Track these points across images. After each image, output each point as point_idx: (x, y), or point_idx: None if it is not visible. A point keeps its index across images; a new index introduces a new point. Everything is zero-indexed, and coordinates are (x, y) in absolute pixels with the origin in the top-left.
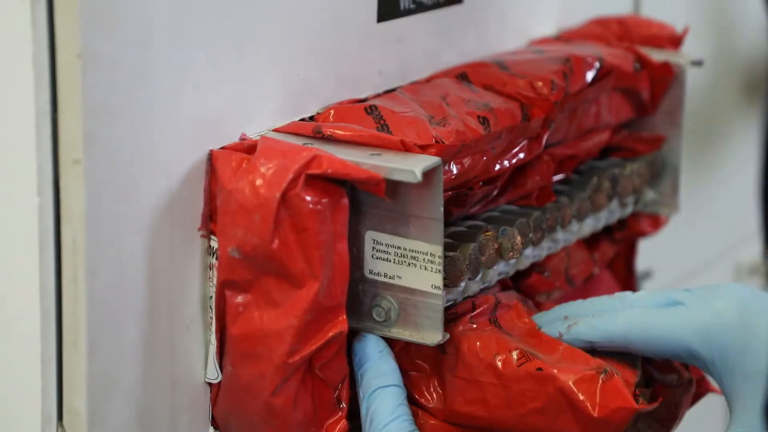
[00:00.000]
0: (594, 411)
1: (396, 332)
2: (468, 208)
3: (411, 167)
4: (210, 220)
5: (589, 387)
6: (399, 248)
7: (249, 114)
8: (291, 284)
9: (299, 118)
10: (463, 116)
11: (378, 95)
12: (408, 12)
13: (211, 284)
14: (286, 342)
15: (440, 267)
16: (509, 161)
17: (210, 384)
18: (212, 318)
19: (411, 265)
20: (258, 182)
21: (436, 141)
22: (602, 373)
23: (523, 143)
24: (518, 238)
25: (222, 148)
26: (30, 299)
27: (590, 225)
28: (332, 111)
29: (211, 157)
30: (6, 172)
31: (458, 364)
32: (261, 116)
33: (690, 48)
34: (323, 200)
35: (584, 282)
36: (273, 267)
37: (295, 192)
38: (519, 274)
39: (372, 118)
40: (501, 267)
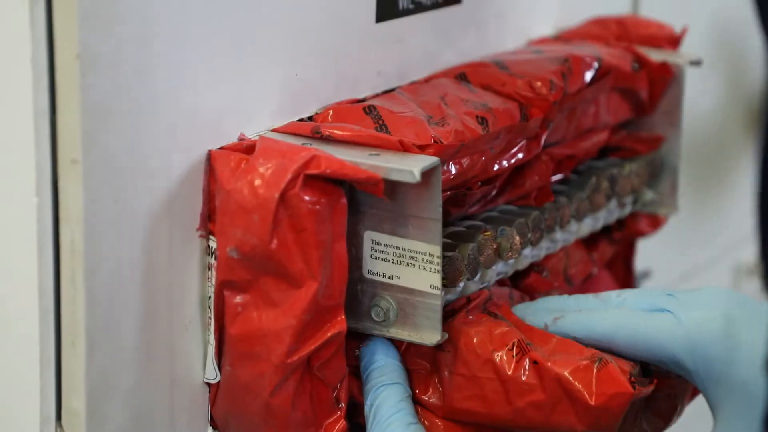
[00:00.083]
0: (591, 399)
1: (395, 332)
2: (467, 208)
3: (410, 167)
4: (209, 220)
5: (585, 376)
6: (398, 248)
7: (248, 114)
8: (290, 284)
9: (298, 119)
10: (462, 116)
11: (377, 95)
12: (407, 12)
13: (210, 284)
14: (285, 342)
15: (439, 267)
16: (508, 161)
17: (209, 384)
18: (211, 318)
19: (410, 265)
20: (257, 182)
21: (435, 141)
22: (597, 362)
23: (522, 143)
24: (517, 238)
25: (221, 148)
26: (29, 300)
27: (589, 225)
28: (331, 111)
29: (210, 157)
30: (5, 173)
31: (456, 361)
32: (260, 116)
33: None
34: (322, 200)
35: (583, 282)
36: (272, 267)
37: (294, 192)
38: (518, 274)
39: (371, 118)
40: (500, 267)
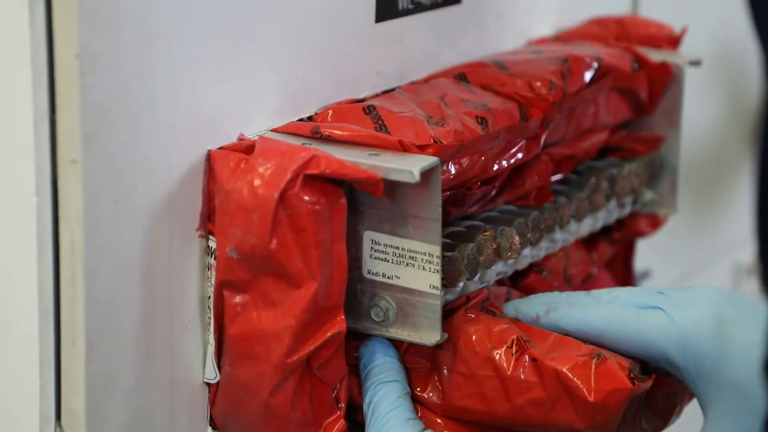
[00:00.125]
0: (590, 396)
1: (394, 332)
2: (466, 208)
3: (409, 167)
4: (208, 221)
5: (584, 372)
6: (397, 248)
7: (247, 114)
8: (289, 284)
9: (297, 119)
10: (462, 116)
11: (376, 95)
12: (406, 12)
13: (210, 284)
14: (285, 342)
15: (438, 267)
16: (507, 161)
17: (208, 384)
18: (210, 318)
19: (409, 265)
20: (256, 182)
21: (435, 141)
22: (595, 358)
23: (522, 143)
24: (516, 238)
25: (220, 148)
26: (28, 300)
27: (588, 225)
28: (330, 111)
29: (210, 157)
30: (4, 173)
31: (455, 360)
32: (259, 116)
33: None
34: (321, 200)
35: (582, 282)
36: (271, 267)
37: (294, 192)
38: (517, 274)
39: (370, 119)
40: (499, 267)
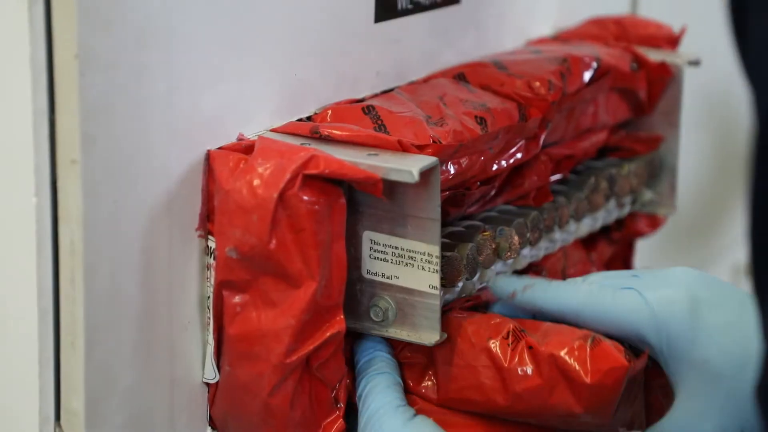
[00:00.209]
0: (587, 377)
1: (393, 332)
2: (465, 208)
3: (408, 167)
4: (208, 221)
5: (580, 355)
6: (396, 248)
7: (246, 114)
8: (288, 284)
9: (297, 119)
10: (461, 116)
11: (375, 95)
12: (405, 12)
13: (209, 284)
14: (284, 342)
15: (438, 267)
16: (507, 161)
17: (208, 384)
18: (210, 318)
19: (408, 265)
20: (255, 182)
21: (434, 141)
22: (590, 340)
23: (521, 143)
24: (516, 238)
25: (219, 149)
26: (28, 300)
27: (588, 225)
28: (330, 111)
29: (209, 158)
30: (4, 173)
31: (452, 353)
32: (258, 116)
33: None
34: (321, 200)
35: None
36: (270, 267)
37: (293, 192)
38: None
39: (369, 119)
40: (498, 267)
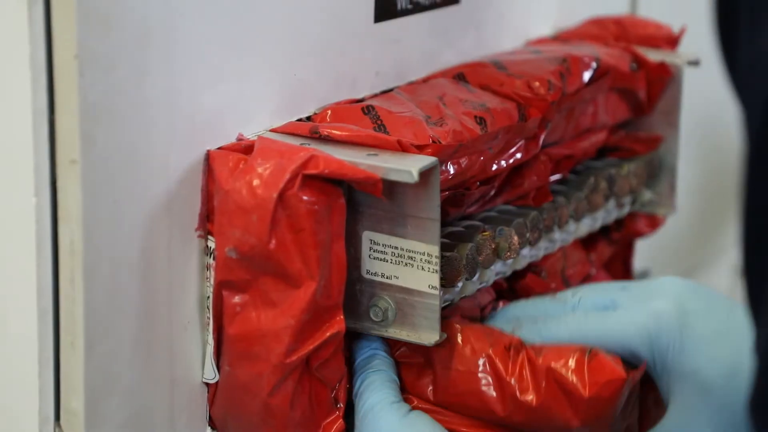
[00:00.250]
0: (585, 390)
1: (393, 332)
2: (465, 208)
3: (408, 167)
4: (207, 221)
5: (577, 368)
6: (396, 248)
7: (246, 114)
8: (288, 284)
9: (296, 119)
10: (460, 116)
11: (375, 95)
12: (405, 12)
13: (209, 284)
14: (284, 342)
15: (437, 267)
16: (506, 161)
17: (207, 384)
18: (209, 318)
19: (408, 265)
20: (255, 182)
21: (433, 141)
22: (587, 353)
23: (520, 143)
24: (515, 238)
25: (219, 149)
26: (27, 300)
27: (587, 225)
28: (329, 111)
29: (209, 158)
30: (4, 173)
31: (452, 357)
32: (258, 116)
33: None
34: (320, 200)
35: (581, 283)
36: (270, 267)
37: (293, 192)
38: (515, 275)
39: (369, 119)
40: (498, 267)
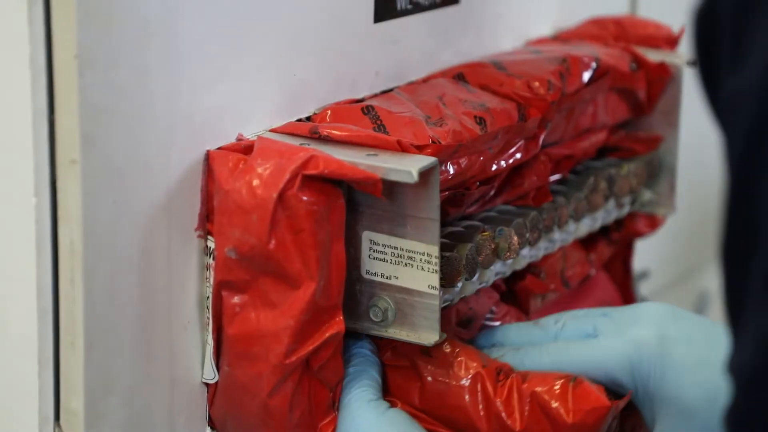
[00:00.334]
0: (568, 417)
1: (393, 332)
2: (465, 208)
3: (408, 167)
4: (207, 221)
5: (561, 394)
6: (396, 248)
7: (246, 114)
8: (288, 285)
9: (296, 119)
10: (460, 116)
11: (375, 95)
12: (405, 12)
13: (208, 284)
14: (284, 342)
15: (437, 267)
16: (506, 161)
17: (207, 384)
18: (209, 318)
19: (408, 266)
20: (255, 182)
21: (433, 141)
22: (572, 381)
23: (520, 143)
24: (515, 238)
25: (219, 149)
26: (27, 300)
27: (587, 225)
28: (329, 111)
29: (208, 158)
30: (3, 173)
31: (445, 370)
32: (258, 116)
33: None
34: (320, 201)
35: (580, 283)
36: (270, 267)
37: (292, 192)
38: (514, 276)
39: (369, 119)
40: (498, 267)
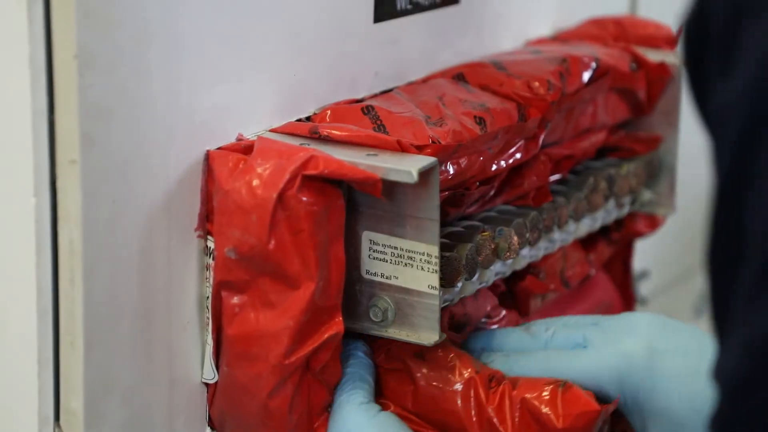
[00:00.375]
0: (559, 422)
1: (393, 332)
2: (465, 209)
3: (408, 167)
4: (207, 221)
5: (551, 399)
6: (396, 248)
7: (246, 114)
8: (287, 285)
9: (296, 119)
10: (460, 116)
11: (375, 96)
12: (404, 12)
13: (208, 284)
14: (283, 343)
15: (437, 267)
16: (506, 161)
17: (207, 384)
18: (209, 318)
19: (408, 266)
20: (255, 183)
21: (433, 141)
22: (561, 386)
23: (520, 143)
24: (515, 239)
25: (219, 149)
26: (27, 300)
27: (587, 225)
28: (329, 111)
29: (208, 158)
30: (3, 173)
31: (436, 374)
32: (258, 116)
33: None
34: (319, 201)
35: (580, 283)
36: (269, 268)
37: (292, 193)
38: (514, 276)
39: (368, 119)
40: (498, 267)
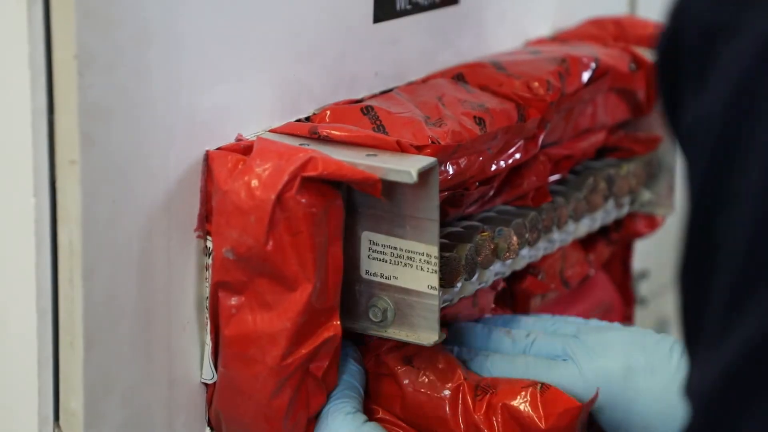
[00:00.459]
0: (542, 423)
1: (392, 333)
2: (464, 209)
3: (407, 168)
4: (206, 221)
5: (531, 401)
6: (395, 249)
7: (245, 115)
8: (284, 287)
9: (295, 119)
10: (459, 117)
11: (374, 96)
12: (404, 13)
13: (207, 285)
14: (280, 345)
15: (436, 267)
16: (505, 162)
17: (206, 384)
18: (208, 318)
19: (407, 266)
20: (254, 183)
21: (432, 141)
22: (539, 387)
23: (520, 143)
24: (514, 239)
25: (218, 149)
26: (26, 300)
27: (586, 225)
28: (328, 112)
29: (208, 158)
30: (3, 173)
31: (423, 380)
32: (257, 117)
33: None
34: (318, 203)
35: (580, 283)
36: (267, 269)
37: (291, 194)
38: (513, 277)
39: (368, 119)
40: (497, 267)
